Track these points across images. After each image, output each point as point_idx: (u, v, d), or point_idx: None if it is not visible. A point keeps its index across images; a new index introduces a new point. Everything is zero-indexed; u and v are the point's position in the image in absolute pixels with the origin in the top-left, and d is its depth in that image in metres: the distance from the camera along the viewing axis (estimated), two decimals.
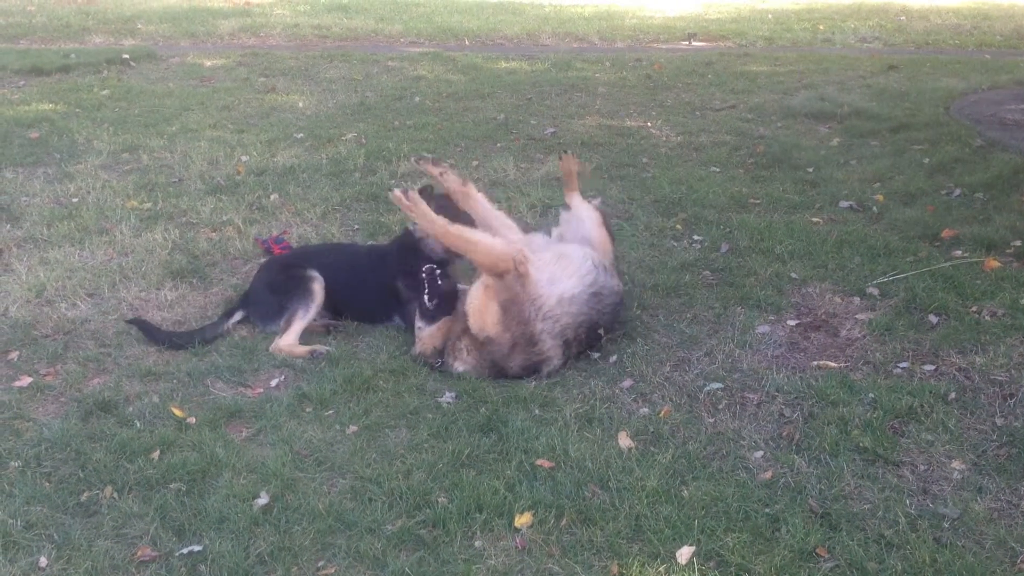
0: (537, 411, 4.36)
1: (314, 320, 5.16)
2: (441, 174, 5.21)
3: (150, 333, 5.10)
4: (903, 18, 16.71)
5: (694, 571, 3.35)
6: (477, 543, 3.53)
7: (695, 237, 6.30)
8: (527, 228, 5.57)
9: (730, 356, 4.80)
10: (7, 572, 3.39)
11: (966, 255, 5.77)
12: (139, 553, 3.48)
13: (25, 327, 5.19)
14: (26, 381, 4.67)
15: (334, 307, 5.29)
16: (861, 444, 4.00)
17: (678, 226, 6.49)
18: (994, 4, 18.48)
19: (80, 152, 8.35)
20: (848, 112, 9.53)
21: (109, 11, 17.22)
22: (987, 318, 5.02)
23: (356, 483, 3.88)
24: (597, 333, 4.85)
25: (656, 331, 5.09)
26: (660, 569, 3.37)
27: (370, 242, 6.10)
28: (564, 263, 4.87)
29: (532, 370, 4.68)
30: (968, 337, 4.83)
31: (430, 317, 4.88)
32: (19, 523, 3.62)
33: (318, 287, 5.17)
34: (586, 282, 4.82)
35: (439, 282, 4.89)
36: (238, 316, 5.22)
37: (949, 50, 13.93)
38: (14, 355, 4.92)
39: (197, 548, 3.50)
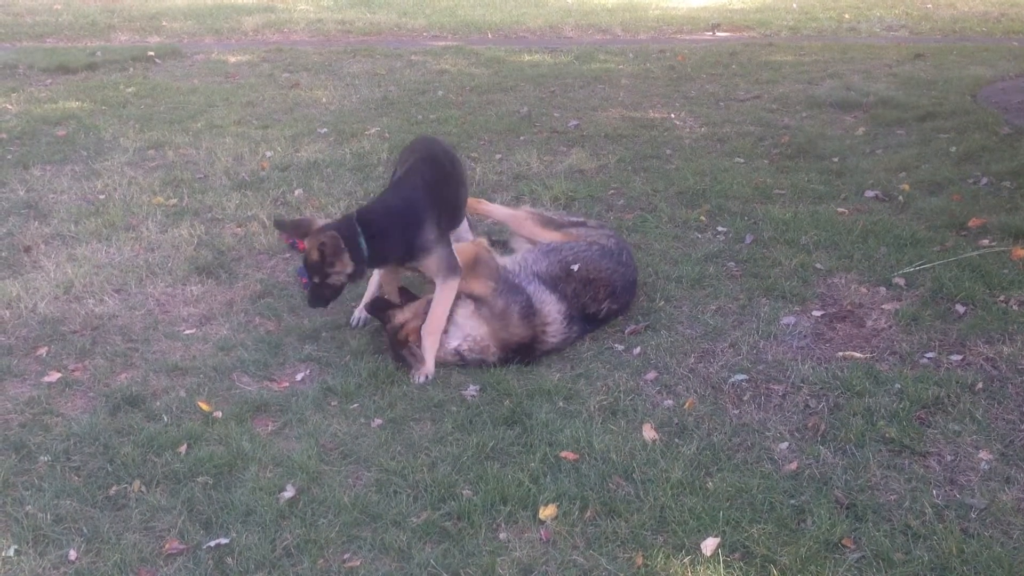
0: (561, 403, 4.37)
1: None
2: None
3: None
4: (929, 6, 16.53)
5: (719, 562, 3.35)
6: (502, 535, 3.55)
7: (719, 228, 6.27)
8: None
9: (755, 347, 4.79)
10: (37, 565, 3.44)
11: (993, 244, 5.72)
12: (167, 546, 3.52)
13: (53, 323, 5.24)
14: (55, 376, 4.72)
15: None
16: (887, 435, 3.98)
17: (702, 217, 6.46)
18: None
19: (106, 149, 8.42)
20: (874, 101, 9.45)
21: (134, 9, 17.32)
22: (1015, 307, 4.98)
23: (381, 476, 3.90)
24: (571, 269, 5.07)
25: (680, 323, 5.08)
26: (685, 561, 3.37)
27: None
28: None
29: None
30: (995, 327, 4.80)
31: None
32: (49, 517, 3.67)
33: None
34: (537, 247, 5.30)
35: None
36: None
37: (976, 38, 13.77)
38: (43, 351, 4.97)
39: (224, 541, 3.53)
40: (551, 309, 4.87)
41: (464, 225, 5.59)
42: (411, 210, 4.87)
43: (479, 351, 4.79)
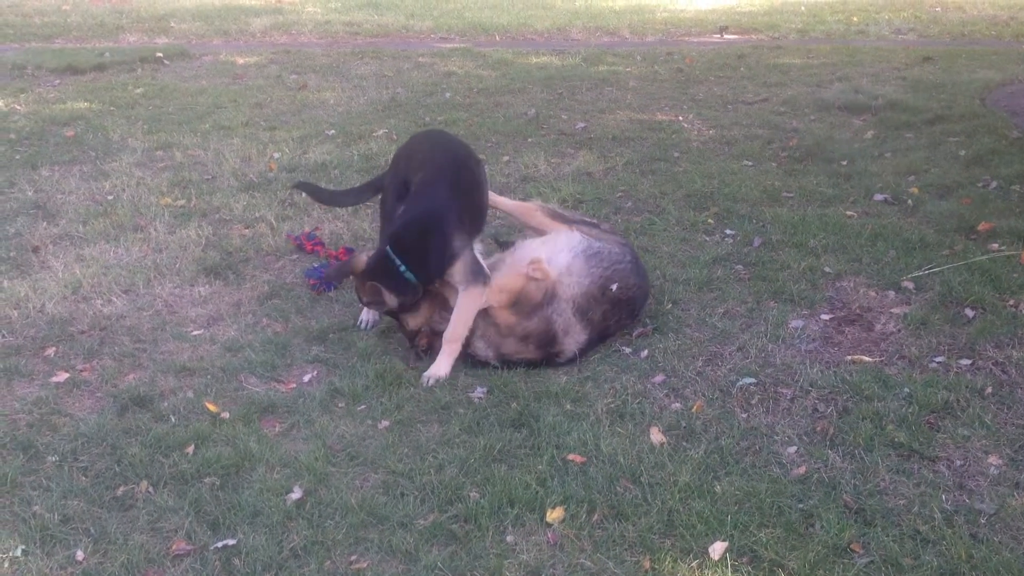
0: (568, 406, 4.36)
1: None
2: None
3: (316, 194, 6.22)
4: (938, 9, 16.51)
5: (727, 566, 3.34)
6: (509, 538, 3.54)
7: (727, 231, 6.26)
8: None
9: (763, 351, 4.78)
10: (44, 565, 3.44)
11: (1003, 248, 5.69)
12: (174, 547, 3.52)
13: (62, 323, 5.25)
14: (63, 377, 4.73)
15: None
16: (896, 439, 3.97)
17: (710, 220, 6.45)
18: None
19: (115, 150, 8.43)
20: (883, 104, 9.42)
21: (143, 10, 17.36)
22: None
23: (388, 478, 3.90)
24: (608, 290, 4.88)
25: (688, 326, 5.07)
26: (693, 564, 3.36)
27: None
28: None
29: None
30: (1005, 331, 4.78)
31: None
32: (56, 517, 3.67)
33: None
34: (577, 250, 4.96)
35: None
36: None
37: (985, 41, 13.74)
38: (51, 351, 4.98)
39: (231, 542, 3.53)
40: (570, 341, 4.75)
41: None
42: (439, 219, 4.80)
43: (483, 357, 4.81)
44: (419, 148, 5.44)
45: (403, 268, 4.68)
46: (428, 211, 4.84)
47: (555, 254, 4.96)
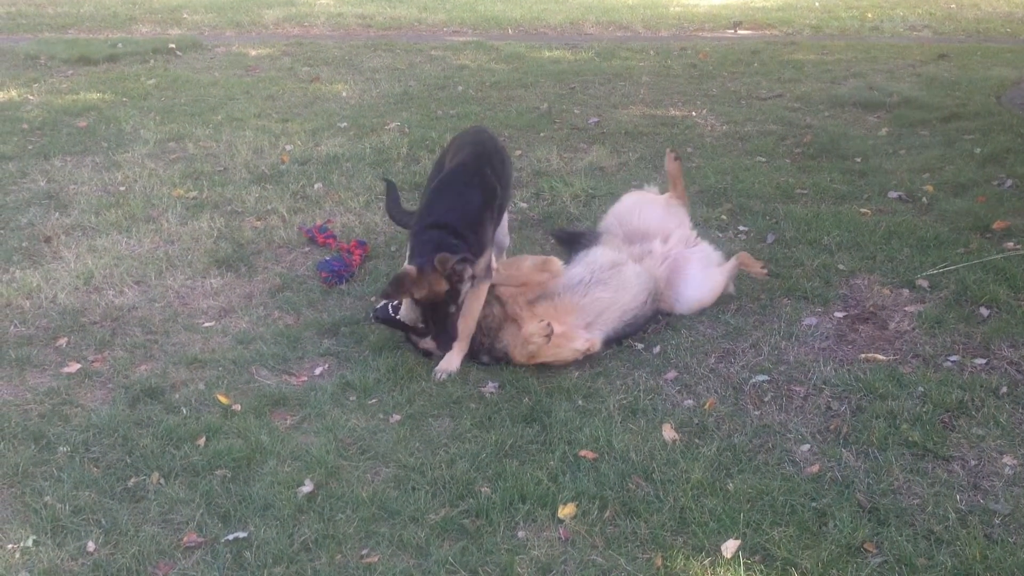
0: (580, 402, 4.35)
1: None
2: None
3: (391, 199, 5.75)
4: (953, 6, 16.42)
5: (739, 565, 3.33)
6: (520, 533, 3.53)
7: (741, 227, 6.23)
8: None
9: (776, 348, 4.76)
10: (56, 556, 3.44)
11: (1018, 247, 5.66)
12: (185, 539, 3.52)
13: (73, 314, 5.25)
14: (74, 367, 4.73)
15: None
16: (910, 438, 3.95)
17: (724, 216, 6.43)
18: None
19: (127, 141, 8.43)
20: (897, 101, 9.38)
21: (155, 1, 17.37)
22: None
23: (399, 472, 3.89)
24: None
25: (701, 322, 5.05)
26: (705, 562, 3.35)
27: None
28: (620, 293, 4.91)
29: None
30: (1020, 330, 4.75)
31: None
32: (67, 508, 3.68)
33: None
34: (626, 319, 4.88)
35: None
36: None
37: (1000, 38, 13.66)
38: (63, 341, 4.98)
39: (242, 534, 3.53)
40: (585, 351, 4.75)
41: (504, 227, 5.55)
42: (474, 206, 4.71)
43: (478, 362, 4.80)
44: (456, 143, 5.41)
45: (454, 241, 4.52)
46: (466, 203, 4.73)
47: (611, 314, 4.86)
